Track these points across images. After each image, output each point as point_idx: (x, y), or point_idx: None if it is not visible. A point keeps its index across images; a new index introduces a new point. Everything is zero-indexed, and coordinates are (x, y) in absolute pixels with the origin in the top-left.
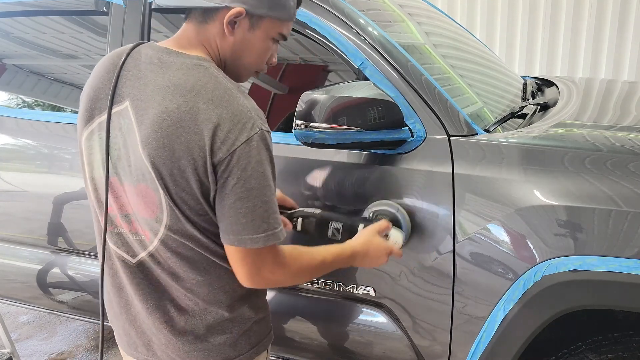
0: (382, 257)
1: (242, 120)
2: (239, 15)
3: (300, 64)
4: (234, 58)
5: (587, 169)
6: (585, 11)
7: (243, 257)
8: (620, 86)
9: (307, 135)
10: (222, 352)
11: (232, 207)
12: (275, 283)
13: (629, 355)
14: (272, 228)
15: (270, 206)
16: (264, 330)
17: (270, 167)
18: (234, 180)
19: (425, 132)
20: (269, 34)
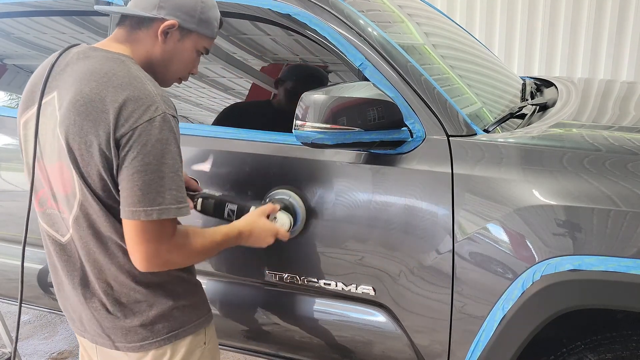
0: (268, 237)
1: (147, 103)
2: (172, 27)
3: (300, 64)
4: (163, 64)
5: (586, 169)
6: (584, 12)
7: (138, 232)
8: (619, 86)
9: (307, 135)
10: (140, 332)
11: (130, 179)
12: (171, 263)
13: (628, 354)
14: (167, 203)
15: (168, 183)
16: (187, 317)
17: (174, 149)
18: (134, 154)
19: (425, 132)
20: (195, 46)
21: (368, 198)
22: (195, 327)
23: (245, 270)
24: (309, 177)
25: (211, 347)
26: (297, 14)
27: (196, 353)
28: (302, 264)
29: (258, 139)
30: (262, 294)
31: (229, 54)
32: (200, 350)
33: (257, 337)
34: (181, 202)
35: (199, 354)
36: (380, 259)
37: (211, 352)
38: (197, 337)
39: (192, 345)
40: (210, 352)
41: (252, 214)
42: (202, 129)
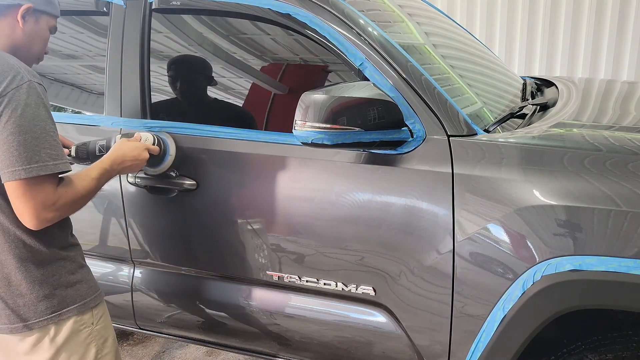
0: (142, 153)
1: (12, 73)
2: (28, 10)
3: (300, 64)
4: (27, 47)
5: (587, 169)
6: (585, 11)
7: (22, 191)
8: (619, 86)
9: (307, 135)
10: (23, 313)
11: (6, 141)
12: (60, 213)
13: (628, 355)
14: (44, 160)
15: (42, 142)
16: (70, 298)
17: (43, 112)
18: (6, 118)
19: (425, 132)
20: (48, 25)
21: (368, 198)
22: (79, 308)
23: (245, 270)
24: (309, 177)
25: (101, 328)
26: (297, 14)
27: (83, 333)
28: (302, 264)
29: (258, 139)
30: (262, 294)
31: (229, 54)
32: (87, 330)
33: (257, 338)
34: (57, 159)
35: (87, 334)
36: (380, 259)
37: (100, 332)
38: (82, 317)
39: (77, 325)
40: (100, 333)
41: (117, 143)
42: (202, 128)
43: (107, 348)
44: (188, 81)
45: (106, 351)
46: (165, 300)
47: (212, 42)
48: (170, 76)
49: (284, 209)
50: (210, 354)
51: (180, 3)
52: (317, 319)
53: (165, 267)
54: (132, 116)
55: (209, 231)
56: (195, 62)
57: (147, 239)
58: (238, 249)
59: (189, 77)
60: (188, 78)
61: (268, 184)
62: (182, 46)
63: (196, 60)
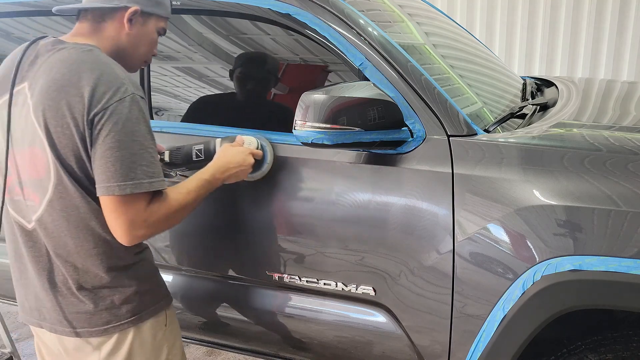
0: (247, 157)
1: (117, 85)
2: (135, 13)
3: (300, 64)
4: (132, 49)
5: (587, 169)
6: (585, 11)
7: (113, 207)
8: (619, 86)
9: (307, 135)
10: (104, 317)
11: (103, 155)
12: (154, 229)
13: (629, 354)
14: (139, 178)
15: (139, 159)
16: (149, 300)
17: (143, 127)
18: (106, 132)
19: (425, 132)
20: (156, 27)
21: (368, 198)
22: (156, 309)
23: (245, 270)
24: (309, 177)
25: (172, 329)
26: (297, 14)
27: (158, 335)
28: (302, 264)
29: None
30: (262, 294)
31: (229, 53)
32: (162, 332)
33: (257, 338)
34: (153, 177)
35: (161, 336)
36: (380, 259)
37: (172, 333)
38: (159, 319)
39: (154, 328)
40: (172, 334)
41: (220, 150)
42: (202, 128)
43: (176, 348)
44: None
45: (175, 351)
46: None
47: (212, 42)
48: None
49: (283, 209)
50: (210, 354)
51: (180, 3)
52: (317, 319)
53: (165, 267)
54: None
55: (208, 231)
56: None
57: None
58: (238, 249)
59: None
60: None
61: (268, 184)
62: (182, 46)
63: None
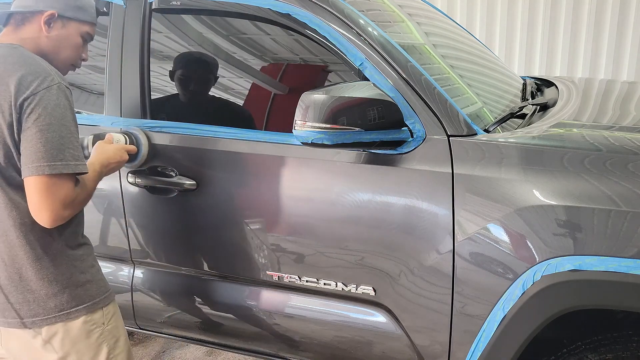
0: (123, 154)
1: (43, 74)
2: (52, 17)
3: (300, 64)
4: (54, 53)
5: (587, 169)
6: (585, 11)
7: (42, 187)
8: (619, 86)
9: (307, 135)
10: (32, 309)
11: (33, 137)
12: (74, 210)
13: (628, 355)
14: (67, 160)
15: (68, 142)
16: (80, 298)
17: (69, 114)
18: (36, 115)
19: (425, 132)
20: (79, 32)
21: (368, 198)
22: (89, 307)
23: (245, 270)
24: (309, 177)
25: (112, 328)
26: (297, 14)
27: (94, 333)
28: (302, 264)
29: (258, 139)
30: (262, 294)
31: (229, 53)
32: (99, 330)
33: (257, 338)
34: (78, 160)
35: (98, 334)
36: (380, 259)
37: (112, 332)
38: (93, 317)
39: (88, 325)
40: (111, 333)
41: (98, 146)
42: (202, 128)
43: (119, 348)
44: (200, 81)
45: (118, 351)
46: (165, 300)
47: (212, 42)
48: (182, 75)
49: (283, 209)
50: (210, 354)
51: (180, 3)
52: (317, 319)
53: (166, 267)
54: (132, 116)
55: (208, 231)
56: (205, 61)
57: (147, 239)
58: (238, 249)
59: (201, 77)
60: (201, 78)
61: (268, 184)
62: (182, 46)
63: (205, 59)
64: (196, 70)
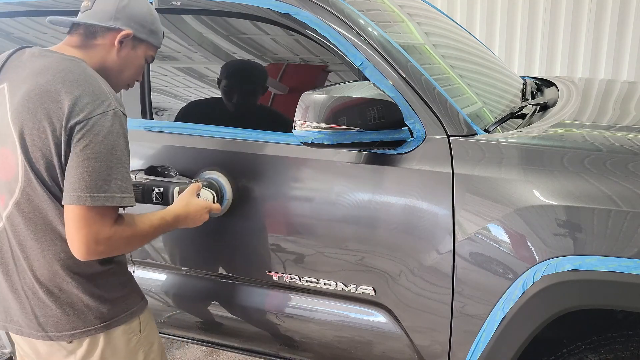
0: (204, 215)
1: (101, 98)
2: (127, 37)
3: (300, 64)
4: (118, 71)
5: (587, 169)
6: (585, 11)
7: (79, 217)
8: (619, 86)
9: (307, 135)
10: (71, 322)
11: (80, 165)
12: (111, 249)
13: (629, 355)
14: (112, 192)
15: (115, 172)
16: (119, 307)
17: (122, 142)
18: (86, 142)
19: (425, 132)
20: (145, 54)
21: (368, 198)
22: (127, 317)
23: (245, 270)
24: (309, 177)
25: (147, 334)
26: (297, 14)
27: (132, 341)
28: (302, 264)
29: (258, 139)
30: (262, 294)
31: (229, 53)
32: (136, 337)
33: (257, 338)
34: (125, 192)
35: (135, 342)
36: (380, 259)
37: (148, 338)
38: (131, 325)
39: (127, 334)
40: (147, 339)
41: (184, 197)
42: (202, 128)
43: (153, 352)
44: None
45: (153, 355)
46: (165, 300)
47: (212, 42)
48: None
49: (283, 209)
50: (210, 354)
51: (180, 3)
52: (317, 319)
53: (165, 267)
54: (132, 116)
55: (208, 231)
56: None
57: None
58: (238, 249)
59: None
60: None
61: (268, 184)
62: (182, 46)
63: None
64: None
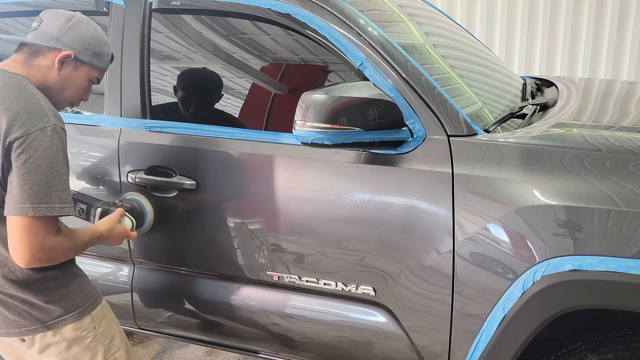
0: (120, 240)
1: (40, 115)
2: (68, 57)
3: (300, 64)
4: (58, 90)
5: (587, 169)
6: (585, 11)
7: (23, 227)
8: (619, 86)
9: (307, 135)
10: (17, 321)
11: (21, 179)
12: (52, 258)
13: (629, 355)
14: (53, 202)
15: (55, 185)
16: (64, 308)
17: (61, 156)
18: (26, 156)
19: (425, 132)
20: (88, 76)
21: (368, 198)
22: (75, 316)
23: (245, 270)
24: (309, 177)
25: (104, 329)
26: (297, 14)
27: (87, 338)
28: (302, 264)
29: (258, 139)
30: (262, 294)
31: (229, 54)
32: (91, 334)
33: (257, 338)
34: (65, 203)
35: (91, 338)
36: (380, 259)
37: (104, 334)
38: (82, 323)
39: (78, 331)
40: (104, 335)
41: (111, 220)
42: (202, 128)
43: (115, 346)
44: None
45: (115, 349)
46: (165, 300)
47: (212, 42)
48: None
49: (284, 209)
50: (210, 354)
51: (180, 3)
52: (317, 319)
53: (166, 267)
54: (132, 116)
55: (208, 231)
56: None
57: (147, 238)
58: (238, 249)
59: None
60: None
61: (268, 184)
62: (182, 46)
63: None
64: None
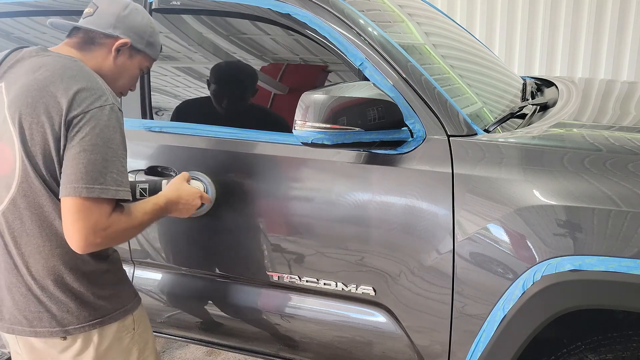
0: (196, 200)
1: (98, 93)
2: (125, 45)
3: (300, 64)
4: (112, 78)
5: (587, 169)
6: (585, 11)
7: (75, 209)
8: (619, 86)
9: (307, 135)
10: (65, 318)
11: (76, 157)
12: (108, 241)
13: (629, 355)
14: (108, 184)
15: (110, 166)
16: (112, 305)
17: (118, 137)
18: (83, 134)
19: (425, 132)
20: (140, 65)
21: (368, 198)
22: (121, 314)
23: (245, 270)
24: (309, 177)
25: (141, 332)
26: (297, 14)
27: (125, 338)
28: (302, 264)
29: (258, 139)
30: (263, 294)
31: (229, 53)
32: (130, 335)
33: (257, 338)
34: (120, 186)
35: (129, 339)
36: (380, 259)
37: (142, 336)
38: (124, 323)
39: (120, 332)
40: (141, 336)
41: (174, 182)
42: (203, 128)
43: (148, 350)
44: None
45: (147, 353)
46: (165, 300)
47: (212, 42)
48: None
49: (284, 209)
50: (210, 354)
51: (180, 3)
52: (317, 319)
53: (166, 267)
54: (132, 116)
55: (209, 231)
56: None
57: (147, 239)
58: (238, 249)
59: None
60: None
61: (268, 184)
62: (182, 46)
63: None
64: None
